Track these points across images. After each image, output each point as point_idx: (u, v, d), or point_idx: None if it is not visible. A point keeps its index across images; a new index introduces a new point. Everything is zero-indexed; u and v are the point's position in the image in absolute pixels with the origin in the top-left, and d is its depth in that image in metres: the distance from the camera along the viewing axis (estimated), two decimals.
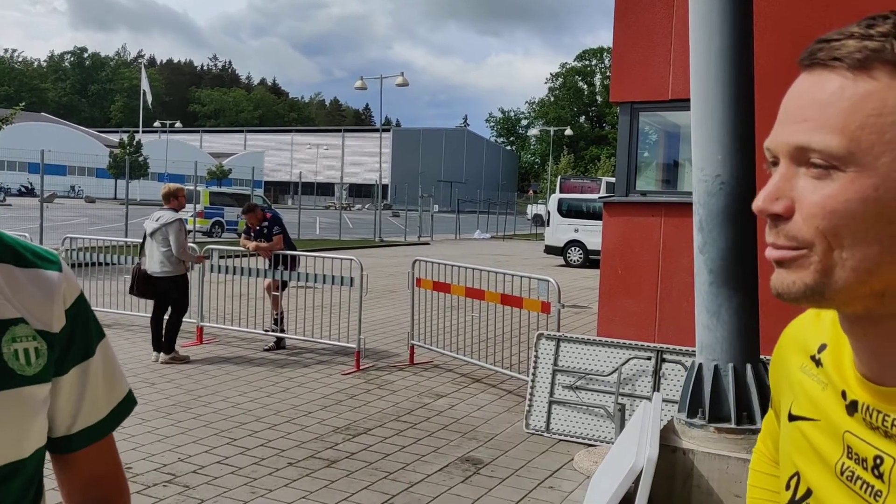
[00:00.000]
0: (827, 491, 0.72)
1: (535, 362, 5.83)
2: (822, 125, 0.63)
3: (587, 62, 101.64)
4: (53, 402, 1.02)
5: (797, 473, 0.77)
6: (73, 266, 9.83)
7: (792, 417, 0.79)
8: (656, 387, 5.25)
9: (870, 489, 0.67)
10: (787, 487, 0.79)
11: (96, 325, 1.09)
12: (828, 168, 0.63)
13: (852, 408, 0.70)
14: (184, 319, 7.74)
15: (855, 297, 0.64)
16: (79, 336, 1.05)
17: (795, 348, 0.82)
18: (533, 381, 5.80)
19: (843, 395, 0.72)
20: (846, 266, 0.63)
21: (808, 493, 0.75)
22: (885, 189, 0.62)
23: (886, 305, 0.65)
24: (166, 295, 7.56)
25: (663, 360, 5.30)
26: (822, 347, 0.77)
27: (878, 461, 0.67)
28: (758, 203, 0.67)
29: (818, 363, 0.77)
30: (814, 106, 0.64)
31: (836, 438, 0.72)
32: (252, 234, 8.57)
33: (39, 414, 1.00)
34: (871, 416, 0.68)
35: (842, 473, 0.71)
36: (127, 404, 1.15)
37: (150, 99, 55.83)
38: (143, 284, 7.60)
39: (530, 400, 5.79)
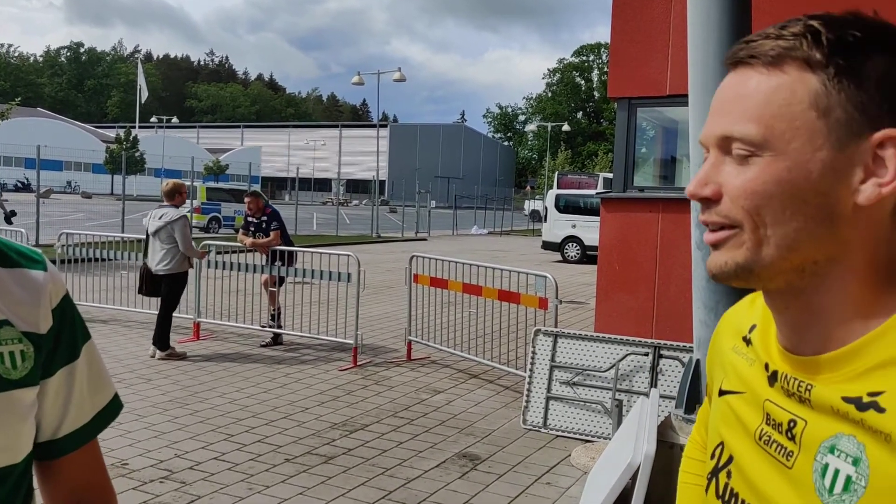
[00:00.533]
0: (746, 456, 0.78)
1: (533, 358, 5.82)
2: (741, 116, 0.71)
3: (585, 58, 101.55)
4: (40, 405, 1.00)
5: (722, 443, 0.84)
6: (69, 262, 9.81)
7: (721, 393, 0.86)
8: (654, 383, 5.26)
9: (783, 450, 0.74)
10: (713, 456, 0.85)
11: (82, 326, 1.07)
12: (748, 154, 0.71)
13: (773, 378, 0.77)
14: (181, 315, 7.73)
15: (779, 272, 0.72)
16: (65, 336, 1.02)
17: (729, 332, 0.89)
18: (530, 376, 5.80)
19: (766, 367, 0.78)
20: (771, 243, 0.70)
21: (730, 459, 0.81)
22: (797, 171, 0.69)
23: (805, 279, 0.72)
24: (173, 291, 7.55)
25: (661, 356, 5.30)
26: (753, 328, 0.84)
27: (792, 424, 0.73)
28: (689, 188, 0.74)
29: (748, 342, 0.83)
30: (735, 100, 0.72)
31: (758, 407, 0.78)
32: (250, 228, 8.55)
33: (28, 418, 0.97)
34: (788, 383, 0.74)
35: (760, 438, 0.77)
36: (113, 407, 1.12)
37: (145, 95, 55.57)
38: (150, 283, 7.57)
39: (527, 396, 5.79)
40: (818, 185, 0.69)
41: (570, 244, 20.60)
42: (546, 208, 21.62)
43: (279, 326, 8.42)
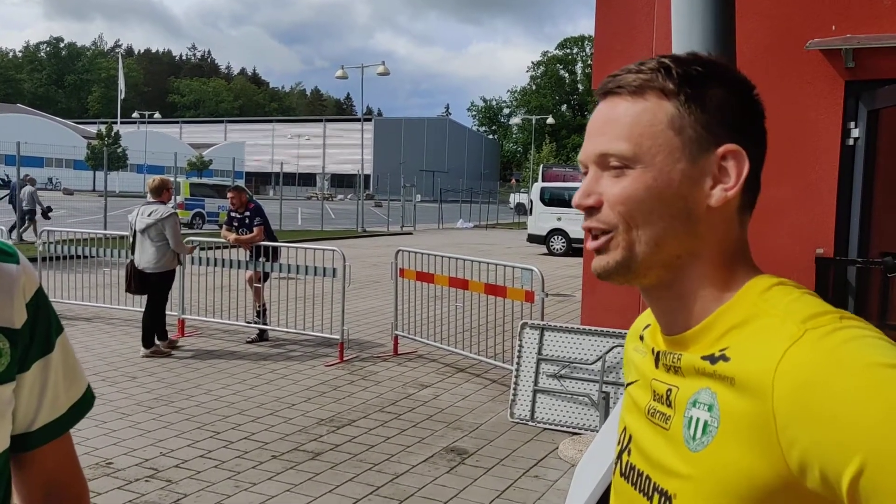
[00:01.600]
0: (640, 432, 0.91)
1: (520, 351, 5.82)
2: (615, 136, 0.85)
3: (568, 50, 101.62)
4: (16, 399, 0.99)
5: (625, 428, 0.96)
6: (50, 259, 9.70)
7: (626, 385, 1.00)
8: None
9: (663, 417, 0.86)
10: (619, 441, 0.98)
11: (55, 319, 1.06)
12: (622, 167, 0.84)
13: (657, 359, 0.90)
14: (166, 312, 7.66)
15: (650, 266, 0.85)
16: (40, 330, 1.01)
17: (632, 336, 1.03)
18: (517, 370, 5.80)
19: (653, 351, 0.92)
20: (642, 241, 0.84)
21: (630, 439, 0.94)
22: (661, 180, 0.83)
23: (672, 272, 0.86)
24: (159, 289, 7.46)
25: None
26: (647, 327, 0.98)
27: (669, 392, 0.86)
28: (575, 200, 0.88)
29: (642, 339, 0.97)
30: (608, 123, 0.86)
31: (647, 388, 0.91)
32: (234, 223, 8.48)
33: (5, 415, 0.96)
34: (666, 359, 0.88)
35: (648, 413, 0.90)
36: (87, 400, 1.12)
37: (123, 90, 55.03)
38: (138, 281, 7.48)
39: (515, 389, 5.79)
40: (679, 191, 0.83)
41: (556, 237, 20.63)
42: (531, 201, 21.64)
43: (265, 322, 8.37)
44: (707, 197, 0.84)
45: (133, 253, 7.53)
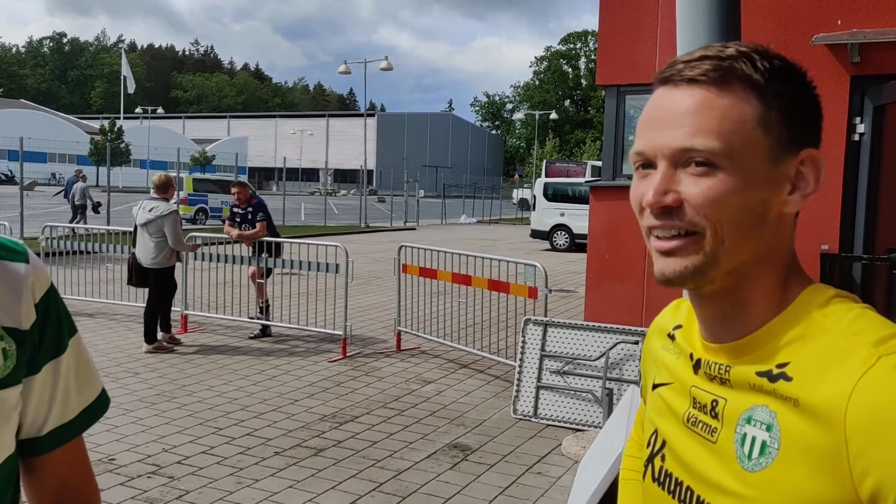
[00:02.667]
0: (677, 439, 0.87)
1: (523, 347, 5.81)
2: (701, 130, 0.76)
3: (572, 45, 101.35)
4: (25, 402, 0.96)
5: (655, 431, 0.92)
6: (54, 255, 9.71)
7: (655, 387, 0.96)
8: None
9: (708, 428, 0.82)
10: (648, 445, 0.94)
11: (68, 320, 1.02)
12: (708, 165, 0.77)
13: (697, 366, 0.86)
14: (170, 308, 7.65)
15: (723, 273, 0.80)
16: (50, 331, 0.98)
17: (658, 334, 0.99)
18: (520, 366, 5.79)
19: (691, 356, 0.87)
20: (725, 247, 0.78)
21: (664, 444, 0.90)
22: (750, 182, 0.77)
23: (734, 279, 0.81)
24: (159, 285, 7.47)
25: (643, 343, 5.29)
26: (678, 327, 0.93)
27: (714, 404, 0.82)
28: (649, 198, 0.79)
29: (673, 339, 0.93)
30: (690, 115, 0.77)
31: (685, 394, 0.87)
32: (237, 219, 8.47)
33: (10, 419, 0.94)
34: (710, 368, 0.84)
35: (688, 421, 0.86)
36: (100, 404, 1.09)
37: (132, 85, 55.05)
38: (139, 274, 7.50)
39: (518, 385, 5.77)
40: (761, 195, 0.78)
41: (559, 232, 20.60)
42: (534, 197, 21.60)
43: (268, 318, 8.36)
44: (784, 203, 0.80)
45: (134, 247, 7.54)
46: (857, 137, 5.20)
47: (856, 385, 0.70)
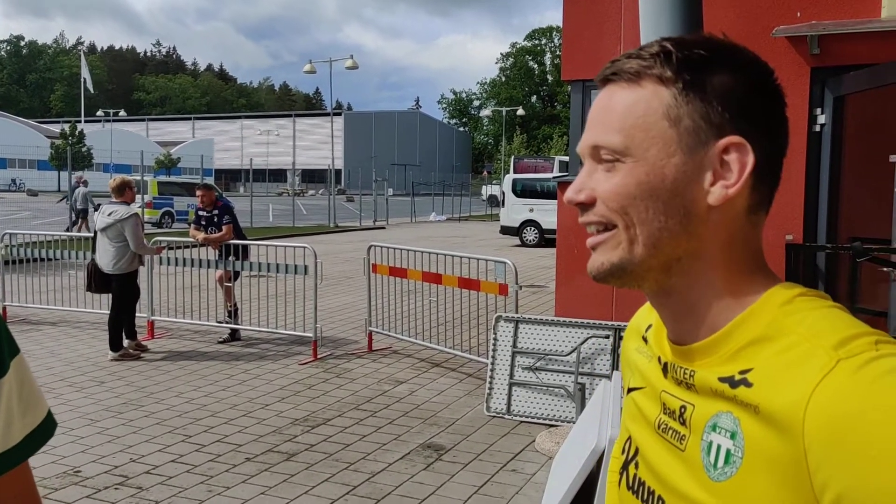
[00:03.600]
0: (648, 446, 0.85)
1: (495, 345, 5.80)
2: (607, 128, 0.79)
3: (537, 41, 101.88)
4: None
5: (630, 437, 0.91)
6: (14, 262, 9.48)
7: (629, 391, 0.94)
8: (615, 365, 5.27)
9: (677, 435, 0.80)
10: (623, 451, 0.92)
11: (9, 339, 0.96)
12: (613, 161, 0.78)
13: (665, 369, 0.84)
14: (134, 314, 7.51)
15: (649, 269, 0.79)
16: None
17: (633, 335, 0.97)
18: (492, 363, 5.77)
19: (659, 360, 0.86)
20: (639, 241, 0.78)
21: (637, 451, 0.88)
22: (654, 174, 0.77)
23: (673, 277, 0.80)
24: (122, 291, 7.31)
25: (621, 338, 5.31)
26: (649, 327, 0.92)
27: (683, 410, 0.80)
28: (566, 195, 0.82)
29: (646, 341, 0.92)
30: (602, 113, 0.80)
31: (656, 399, 0.85)
32: (202, 222, 8.34)
33: None
34: (676, 372, 0.82)
35: (659, 427, 0.83)
36: (46, 427, 1.01)
37: (90, 87, 54.12)
38: (99, 280, 7.33)
39: (490, 383, 5.76)
40: (673, 187, 0.77)
41: (529, 228, 20.67)
42: (503, 193, 21.65)
43: (236, 322, 8.25)
44: (706, 194, 0.77)
45: (94, 252, 7.38)
46: (818, 128, 5.27)
47: (813, 392, 0.67)
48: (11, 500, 1.00)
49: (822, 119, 5.24)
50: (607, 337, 5.39)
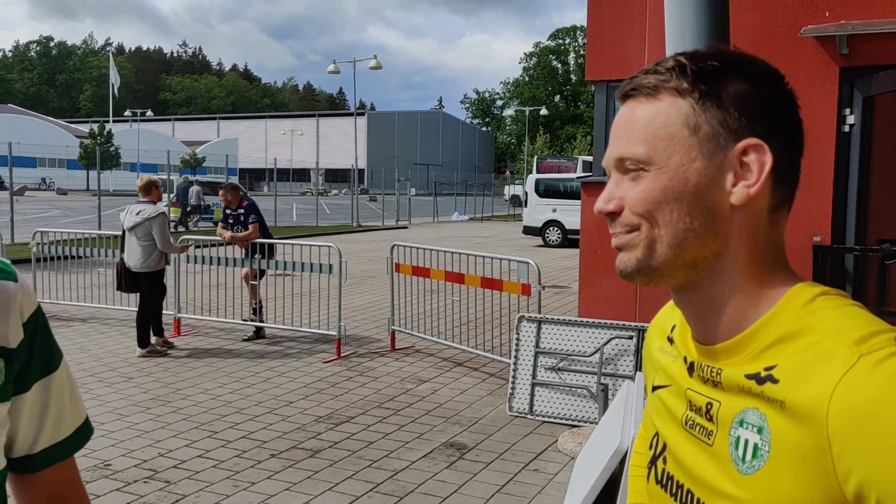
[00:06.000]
0: (676, 441, 0.89)
1: (517, 345, 5.81)
2: (631, 140, 0.85)
3: (561, 41, 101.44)
4: (14, 420, 0.97)
5: (657, 433, 0.95)
6: (45, 260, 9.65)
7: (654, 389, 0.98)
8: (639, 366, 5.26)
9: (704, 430, 0.84)
10: (651, 447, 0.96)
11: (55, 342, 1.04)
12: (638, 170, 0.84)
13: (691, 368, 0.88)
14: (161, 311, 7.62)
15: (674, 267, 0.84)
16: (38, 350, 0.99)
17: (657, 334, 1.01)
18: (515, 363, 5.79)
19: (685, 359, 0.90)
20: (663, 242, 0.83)
21: (664, 446, 0.92)
22: (677, 179, 0.82)
23: (699, 274, 0.84)
24: (149, 289, 7.43)
25: (644, 342, 5.29)
26: (674, 328, 0.96)
27: (709, 406, 0.84)
28: (597, 206, 0.88)
29: (671, 341, 0.96)
30: (625, 127, 0.86)
31: (681, 396, 0.90)
32: (229, 220, 8.44)
33: None
34: (703, 371, 0.86)
35: (686, 424, 0.88)
36: (88, 426, 1.11)
37: (117, 86, 54.84)
38: (129, 279, 7.44)
39: (513, 382, 5.77)
40: (696, 190, 0.82)
41: (552, 228, 20.61)
42: (526, 193, 21.61)
43: (261, 320, 8.34)
44: (728, 195, 0.82)
45: (123, 252, 7.50)
46: (847, 129, 5.21)
47: (836, 385, 0.71)
48: (61, 485, 1.08)
49: (850, 119, 5.19)
50: (630, 338, 5.38)
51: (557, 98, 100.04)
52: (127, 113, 71.83)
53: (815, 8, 5.31)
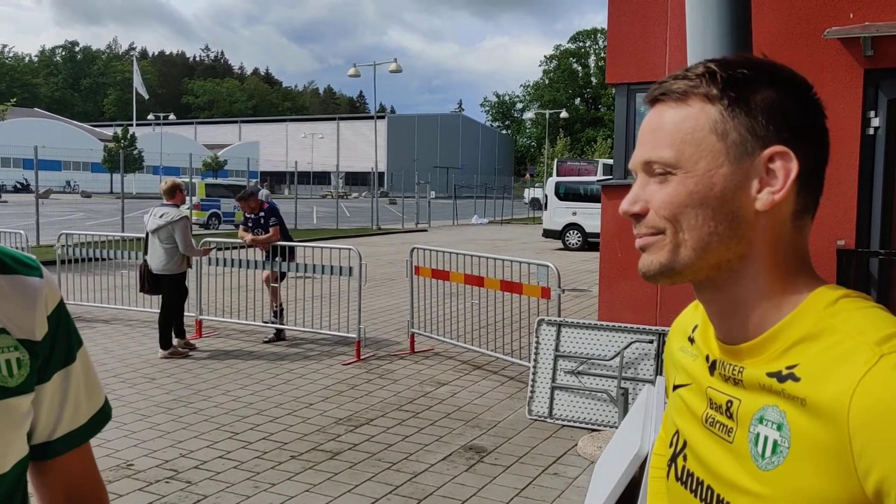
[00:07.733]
0: (696, 439, 0.91)
1: (537, 348, 5.79)
2: (659, 144, 0.86)
3: (581, 44, 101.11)
4: (36, 410, 1.01)
5: (677, 431, 0.97)
6: (69, 262, 9.78)
7: (675, 388, 1.00)
8: (659, 370, 5.22)
9: (724, 428, 0.86)
10: (671, 445, 0.98)
11: (76, 332, 1.08)
12: (665, 174, 0.85)
13: (712, 367, 0.90)
14: (182, 313, 7.69)
15: (697, 269, 0.86)
16: (60, 342, 1.03)
17: (678, 335, 1.03)
18: (535, 366, 5.77)
19: (707, 358, 0.92)
20: (688, 245, 0.84)
21: (685, 444, 0.94)
22: (703, 184, 0.83)
23: (723, 274, 0.86)
24: (171, 292, 7.50)
25: (665, 343, 5.26)
26: (695, 328, 0.98)
27: (729, 404, 0.86)
28: (622, 207, 0.89)
29: (692, 341, 0.97)
30: (653, 131, 0.87)
31: (702, 395, 0.91)
32: (250, 223, 8.51)
33: (22, 426, 0.98)
34: (724, 369, 0.88)
35: (706, 421, 0.89)
36: (105, 411, 1.14)
37: (144, 93, 55.48)
38: (151, 281, 7.53)
39: (532, 386, 5.76)
40: (722, 195, 0.83)
41: (572, 231, 20.54)
42: (546, 196, 21.55)
43: (282, 322, 8.39)
44: (754, 201, 0.83)
45: (146, 253, 7.58)
46: (871, 131, 5.15)
47: (858, 383, 0.72)
48: (78, 470, 1.12)
49: (875, 122, 5.13)
50: (651, 342, 5.35)
51: (578, 101, 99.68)
52: (150, 117, 72.58)
53: (839, 10, 5.26)
